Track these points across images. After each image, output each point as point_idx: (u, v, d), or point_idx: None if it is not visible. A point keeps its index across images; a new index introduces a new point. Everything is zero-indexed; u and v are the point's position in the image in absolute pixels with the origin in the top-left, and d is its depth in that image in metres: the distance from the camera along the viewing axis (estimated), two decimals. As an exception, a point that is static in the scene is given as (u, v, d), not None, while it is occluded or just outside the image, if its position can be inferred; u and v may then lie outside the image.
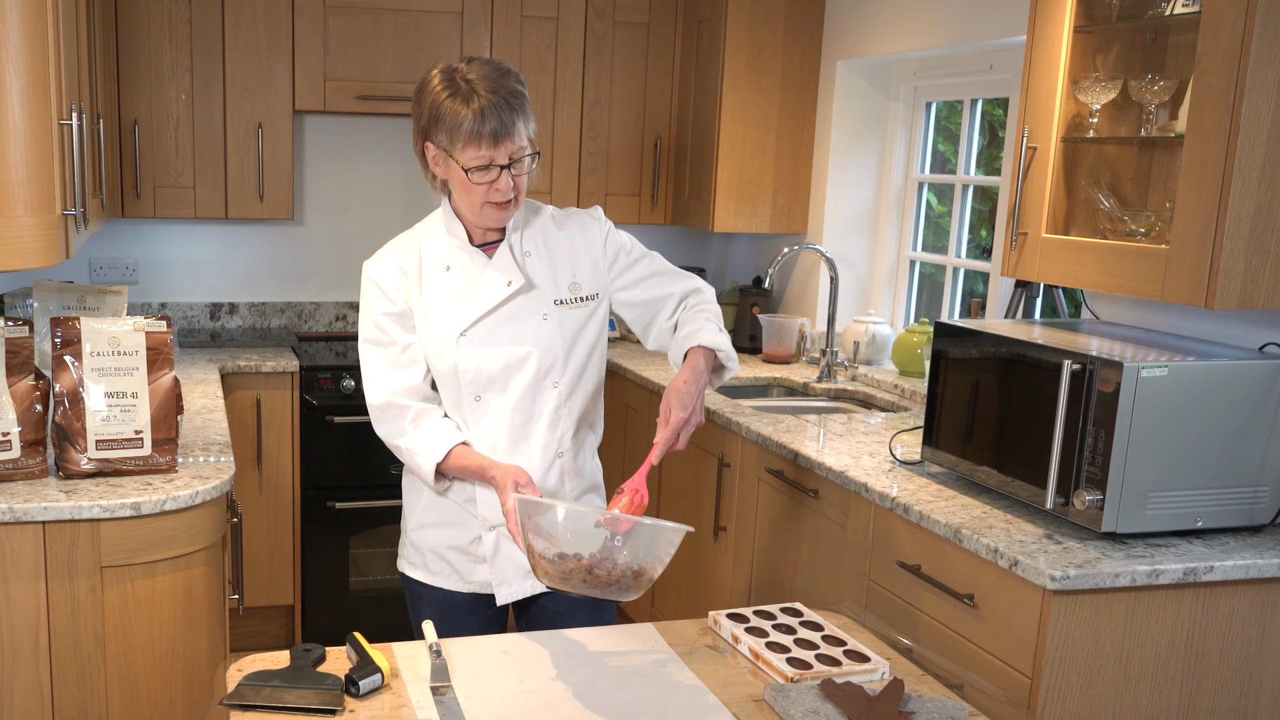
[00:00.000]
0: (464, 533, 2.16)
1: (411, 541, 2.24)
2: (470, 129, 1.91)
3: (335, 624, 3.91)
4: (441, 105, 1.93)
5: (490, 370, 2.06)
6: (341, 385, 3.79)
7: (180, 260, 4.23)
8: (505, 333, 2.06)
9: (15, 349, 2.26)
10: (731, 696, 1.69)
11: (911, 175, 3.92)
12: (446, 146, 1.96)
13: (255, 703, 1.59)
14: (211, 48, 3.81)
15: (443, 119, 1.93)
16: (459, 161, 1.95)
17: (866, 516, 2.50)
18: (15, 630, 2.17)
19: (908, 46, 3.55)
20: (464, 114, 1.91)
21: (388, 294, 2.07)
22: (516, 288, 2.05)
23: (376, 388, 2.08)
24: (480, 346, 2.06)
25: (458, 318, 2.05)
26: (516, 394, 2.08)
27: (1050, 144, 2.51)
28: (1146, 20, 2.43)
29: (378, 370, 2.08)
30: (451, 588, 2.19)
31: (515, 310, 2.06)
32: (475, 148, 1.93)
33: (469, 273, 2.08)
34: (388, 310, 2.07)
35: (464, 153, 1.94)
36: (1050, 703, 2.02)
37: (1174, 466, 2.12)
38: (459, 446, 2.05)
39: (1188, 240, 2.17)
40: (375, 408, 2.09)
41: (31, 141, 2.14)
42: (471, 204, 2.01)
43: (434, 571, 2.20)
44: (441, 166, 2.01)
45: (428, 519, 2.20)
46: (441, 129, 1.94)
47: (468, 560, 2.17)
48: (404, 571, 2.27)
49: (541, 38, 4.09)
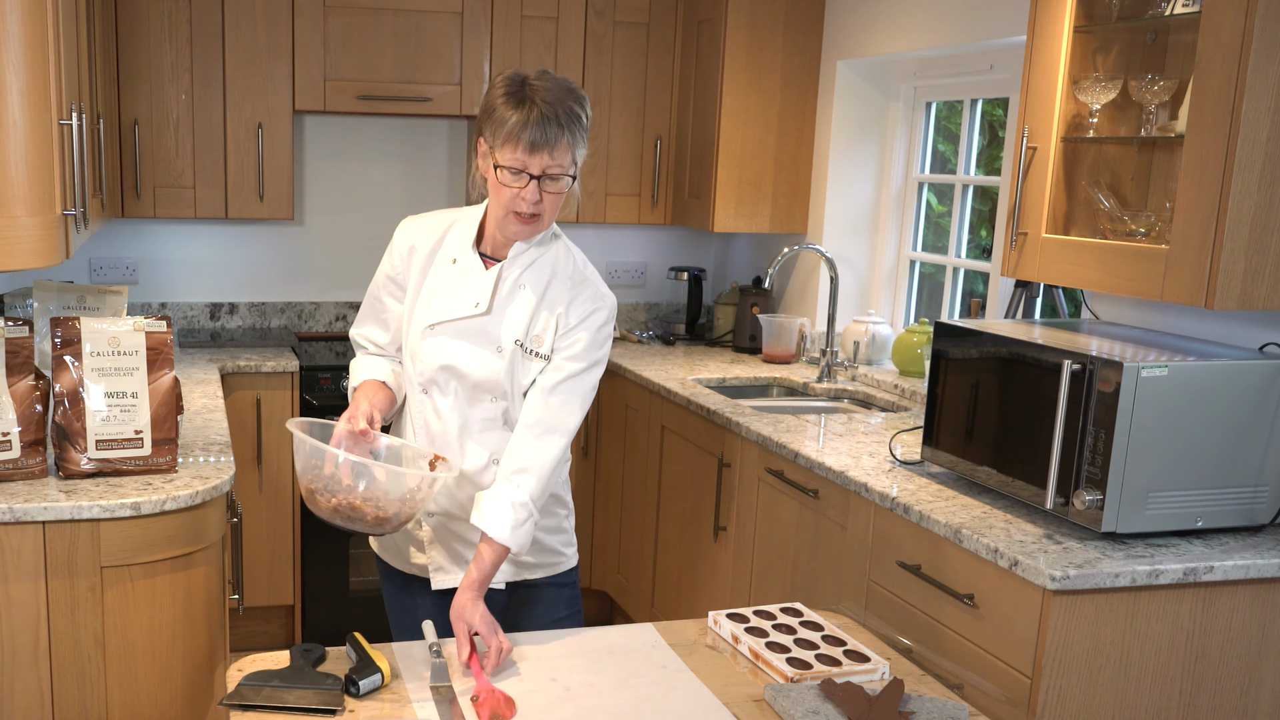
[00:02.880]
0: None
1: None
2: (511, 130, 1.94)
3: (335, 624, 3.91)
4: (495, 101, 1.99)
5: (432, 370, 2.12)
6: (341, 385, 3.78)
7: (180, 260, 4.24)
8: (459, 346, 2.10)
9: (15, 349, 2.26)
10: (731, 696, 1.69)
11: (911, 175, 3.92)
12: (491, 143, 2.00)
13: (255, 703, 1.59)
14: (211, 48, 3.81)
15: (492, 114, 1.98)
16: (496, 159, 1.99)
17: (866, 516, 2.50)
18: (15, 630, 2.17)
19: (908, 46, 3.55)
20: (511, 115, 1.94)
21: (394, 258, 2.18)
22: (479, 312, 2.08)
23: (357, 325, 2.27)
24: (436, 346, 2.11)
25: (436, 311, 2.11)
26: (455, 396, 2.12)
27: (1050, 144, 2.51)
28: (1146, 20, 2.43)
29: (363, 313, 2.26)
30: (396, 566, 2.28)
31: (475, 330, 2.09)
32: (512, 149, 1.95)
33: (465, 275, 2.11)
34: (390, 274, 2.19)
35: (501, 151, 1.97)
36: (1050, 703, 2.02)
37: (1174, 466, 2.12)
38: (369, 381, 2.16)
39: (1188, 240, 2.17)
40: (352, 337, 2.29)
41: (31, 141, 2.14)
42: (497, 208, 2.03)
43: (381, 546, 2.31)
44: (484, 163, 2.05)
45: None
46: (489, 124, 1.99)
47: (406, 542, 2.24)
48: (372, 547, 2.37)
49: (541, 38, 4.09)
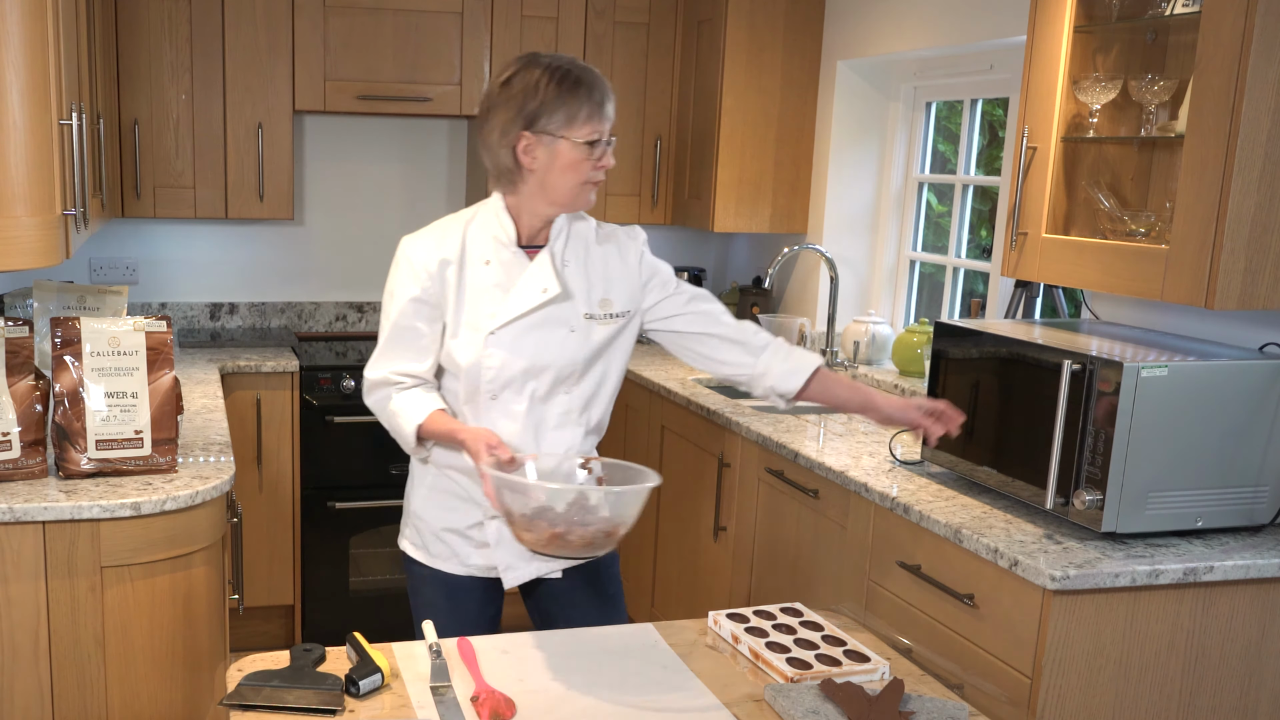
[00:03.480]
0: (464, 517, 2.19)
1: (414, 523, 2.27)
2: (582, 106, 2.00)
3: (335, 624, 3.91)
4: (554, 88, 2.00)
5: (510, 373, 2.09)
6: (341, 385, 3.78)
7: (180, 260, 4.23)
8: (532, 338, 2.09)
9: (15, 349, 2.26)
10: (731, 696, 1.69)
11: (911, 175, 3.92)
12: (556, 128, 2.00)
13: (255, 703, 1.59)
14: (211, 48, 3.81)
15: (560, 100, 2.00)
16: (573, 138, 2.00)
17: (866, 516, 2.50)
18: (15, 630, 2.17)
19: (908, 46, 3.55)
20: (581, 92, 2.00)
21: (421, 279, 2.08)
22: (551, 295, 2.08)
23: (380, 362, 2.11)
24: (506, 347, 2.08)
25: (490, 315, 2.07)
26: (531, 398, 2.11)
27: (1050, 144, 2.51)
28: (1146, 20, 2.43)
29: (388, 348, 2.11)
30: (450, 570, 2.22)
31: (545, 318, 2.09)
32: (595, 122, 2.01)
33: (508, 272, 2.09)
34: (416, 296, 2.08)
35: (581, 128, 2.01)
36: (1050, 703, 2.02)
37: (1174, 466, 2.12)
38: (438, 411, 2.08)
39: (1188, 240, 2.17)
40: (371, 380, 2.13)
41: (31, 141, 2.14)
42: (573, 186, 2.05)
43: (434, 554, 2.23)
44: (540, 153, 2.03)
45: (431, 502, 2.22)
46: (557, 110, 2.00)
47: (467, 544, 2.20)
48: (405, 550, 2.30)
49: (541, 38, 4.09)
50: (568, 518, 1.75)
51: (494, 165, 2.08)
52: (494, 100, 2.05)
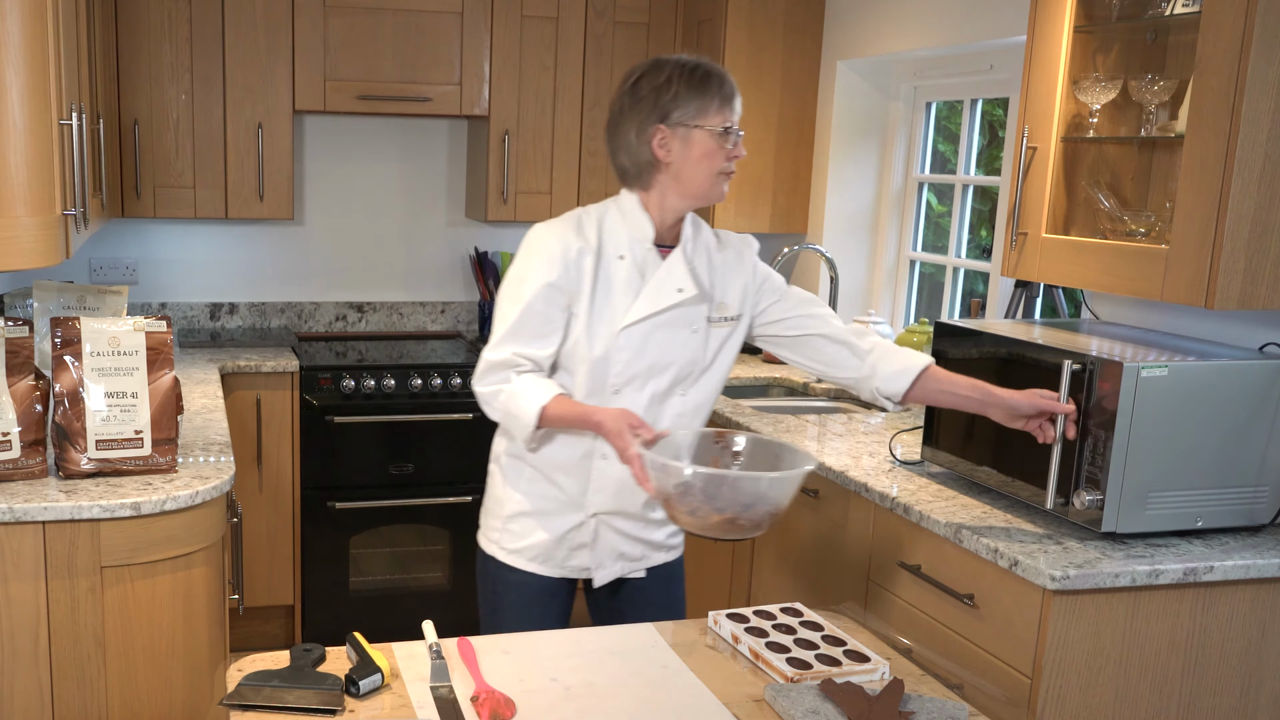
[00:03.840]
0: (565, 521, 2.19)
1: (508, 529, 2.22)
2: (724, 94, 2.06)
3: (335, 624, 3.91)
4: (687, 81, 2.05)
5: (636, 369, 2.10)
6: (341, 385, 3.78)
7: (180, 260, 4.23)
8: (659, 337, 2.10)
9: (15, 349, 2.26)
10: (731, 696, 1.69)
11: (911, 175, 3.92)
12: (691, 119, 2.04)
13: (255, 703, 1.59)
14: (211, 48, 3.81)
15: (691, 92, 2.04)
16: (710, 127, 2.05)
17: (866, 516, 2.50)
18: (15, 630, 2.17)
19: (908, 46, 3.55)
20: (712, 83, 2.06)
21: (558, 265, 2.06)
22: (687, 295, 2.11)
23: (504, 345, 2.06)
24: (635, 343, 2.09)
25: (623, 310, 2.09)
26: (650, 396, 2.13)
27: (1050, 144, 2.51)
28: (1146, 20, 2.43)
29: (516, 330, 2.07)
30: (545, 573, 2.21)
31: (673, 317, 2.11)
32: (726, 112, 2.06)
33: (641, 268, 2.11)
34: (552, 282, 2.06)
35: (714, 117, 2.05)
36: (1050, 703, 2.02)
37: (1174, 466, 2.12)
38: (560, 394, 2.04)
39: (1188, 240, 2.17)
40: (491, 361, 2.07)
41: (31, 141, 2.14)
42: (709, 176, 2.08)
43: (529, 558, 2.21)
44: (675, 146, 2.06)
45: (526, 508, 2.20)
46: (690, 102, 2.04)
47: (564, 547, 2.20)
48: (494, 556, 2.24)
49: (541, 38, 4.09)
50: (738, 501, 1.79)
51: (631, 163, 2.10)
52: (624, 104, 2.09)
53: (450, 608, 4.03)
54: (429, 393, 3.87)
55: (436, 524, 3.97)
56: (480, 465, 3.96)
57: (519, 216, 4.17)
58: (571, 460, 2.13)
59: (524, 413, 2.02)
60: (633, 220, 2.11)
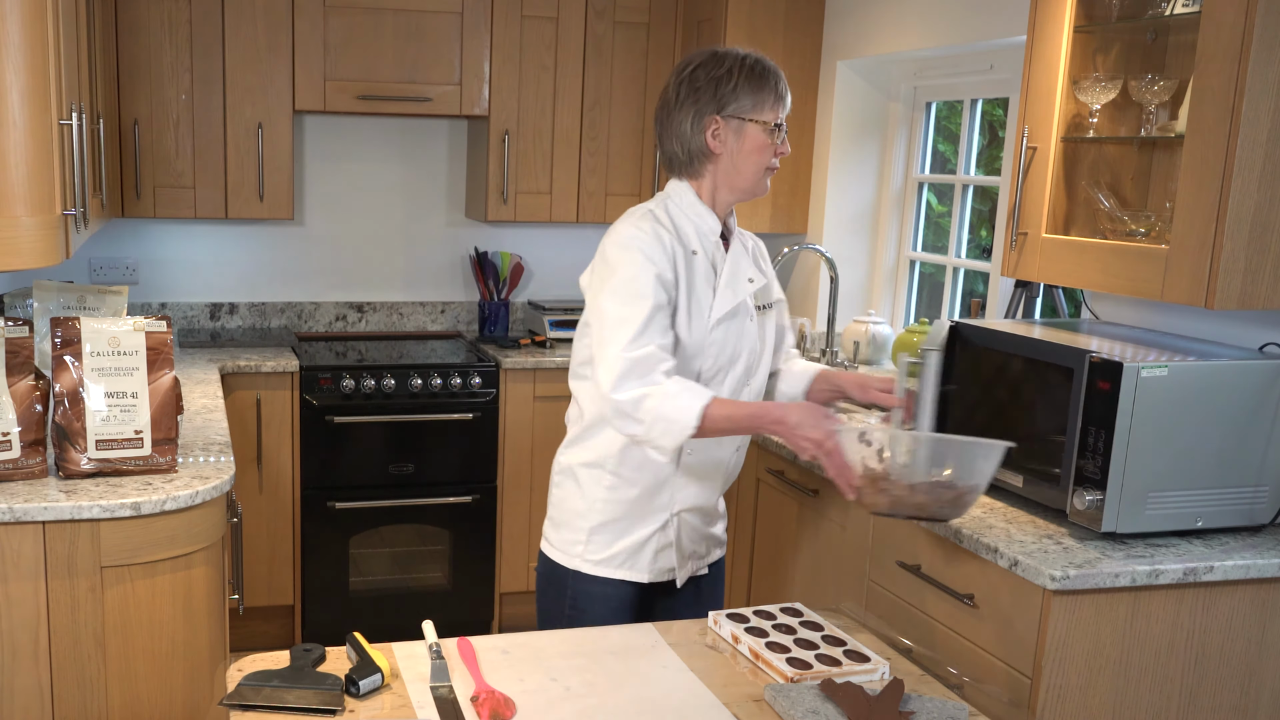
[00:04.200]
0: (651, 523, 2.20)
1: (593, 540, 2.20)
2: (779, 91, 2.11)
3: (335, 624, 3.91)
4: (747, 75, 2.09)
5: (722, 360, 2.15)
6: (341, 385, 3.78)
7: (180, 260, 4.24)
8: (734, 326, 2.15)
9: (15, 349, 2.26)
10: (731, 696, 1.69)
11: (911, 175, 3.92)
12: (746, 112, 2.08)
13: (255, 703, 1.59)
14: (211, 48, 3.81)
15: (750, 85, 2.09)
16: (763, 121, 2.09)
17: (866, 516, 2.50)
18: (15, 630, 2.17)
19: (908, 46, 3.55)
20: (769, 78, 2.11)
21: (663, 260, 2.05)
22: (758, 285, 2.18)
23: (641, 340, 1.99)
24: (721, 335, 2.13)
25: (707, 303, 2.12)
26: (730, 387, 2.17)
27: (1050, 144, 2.51)
28: (1146, 20, 2.43)
29: (646, 325, 2.00)
30: (634, 579, 2.21)
31: (739, 306, 2.16)
32: (781, 108, 2.11)
33: (713, 261, 2.14)
34: (661, 274, 2.03)
35: (769, 112, 2.10)
36: (1050, 703, 2.02)
37: (1174, 466, 2.12)
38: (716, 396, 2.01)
39: (1188, 240, 2.17)
40: (634, 358, 1.98)
41: (31, 141, 2.14)
42: (757, 169, 2.13)
43: (618, 566, 2.20)
44: (728, 137, 2.10)
45: (611, 516, 2.19)
46: (747, 95, 2.09)
47: (650, 550, 2.21)
48: (578, 570, 2.21)
49: (541, 38, 4.09)
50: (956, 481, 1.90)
51: (682, 150, 2.13)
52: (679, 92, 2.12)
53: (450, 608, 4.03)
54: (429, 393, 3.87)
55: (436, 524, 3.97)
56: (480, 465, 3.98)
57: (519, 216, 4.17)
58: (660, 463, 2.15)
59: (683, 415, 1.96)
60: (699, 215, 2.15)
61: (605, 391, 1.99)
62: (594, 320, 2.06)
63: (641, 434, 2.00)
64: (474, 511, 4.00)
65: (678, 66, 2.16)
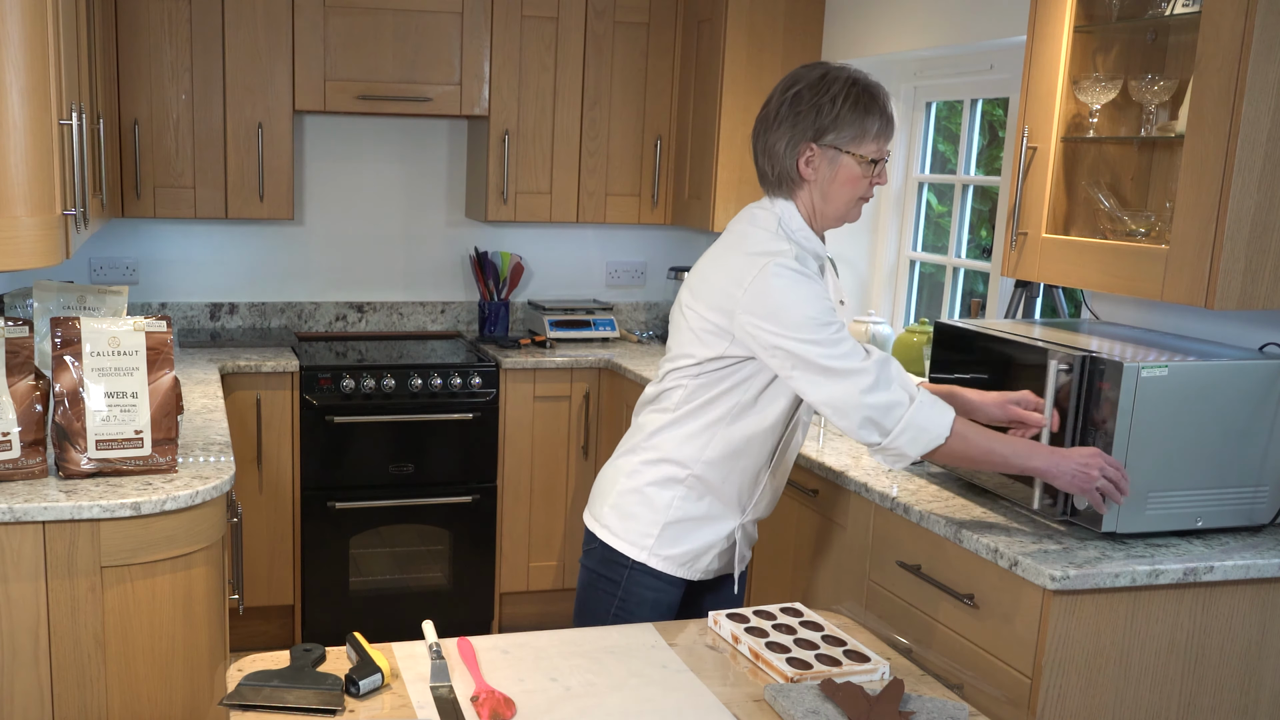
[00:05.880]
0: (721, 528, 2.22)
1: (664, 535, 2.19)
2: (884, 124, 2.05)
3: (335, 624, 3.91)
4: (852, 104, 2.03)
5: None
6: (341, 385, 3.78)
7: (180, 260, 4.24)
8: None
9: (15, 349, 2.26)
10: (731, 696, 1.69)
11: (911, 175, 3.92)
12: (845, 144, 2.03)
13: (255, 703, 1.59)
14: (211, 48, 3.81)
15: (853, 115, 2.03)
16: (861, 155, 2.04)
17: (866, 516, 2.50)
18: (15, 630, 2.17)
19: (907, 46, 3.55)
20: (876, 110, 2.05)
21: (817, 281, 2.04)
22: (846, 307, 2.21)
23: (860, 351, 2.02)
24: None
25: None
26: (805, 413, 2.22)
27: (1050, 144, 2.51)
28: (1146, 20, 2.43)
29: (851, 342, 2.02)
30: (688, 577, 2.23)
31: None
32: (883, 141, 2.06)
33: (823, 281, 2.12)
34: (825, 294, 2.04)
35: (869, 145, 2.05)
36: (1050, 703, 2.02)
37: (1174, 466, 2.12)
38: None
39: (1187, 240, 2.17)
40: (876, 360, 2.01)
41: (31, 141, 2.14)
42: (848, 200, 2.09)
43: (679, 564, 2.21)
44: (821, 166, 2.05)
45: (689, 515, 2.19)
46: (848, 127, 2.03)
47: (711, 552, 2.23)
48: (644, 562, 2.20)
49: (541, 38, 4.09)
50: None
51: (772, 171, 2.10)
52: (780, 111, 2.07)
53: (450, 608, 4.03)
54: (429, 393, 3.87)
55: (436, 524, 3.97)
56: (480, 465, 3.98)
57: (519, 216, 4.17)
58: (747, 477, 2.17)
59: (937, 424, 2.00)
60: (808, 238, 2.11)
61: (863, 395, 1.99)
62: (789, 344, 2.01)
63: (887, 443, 2.02)
64: (474, 511, 4.00)
65: (785, 81, 2.09)
